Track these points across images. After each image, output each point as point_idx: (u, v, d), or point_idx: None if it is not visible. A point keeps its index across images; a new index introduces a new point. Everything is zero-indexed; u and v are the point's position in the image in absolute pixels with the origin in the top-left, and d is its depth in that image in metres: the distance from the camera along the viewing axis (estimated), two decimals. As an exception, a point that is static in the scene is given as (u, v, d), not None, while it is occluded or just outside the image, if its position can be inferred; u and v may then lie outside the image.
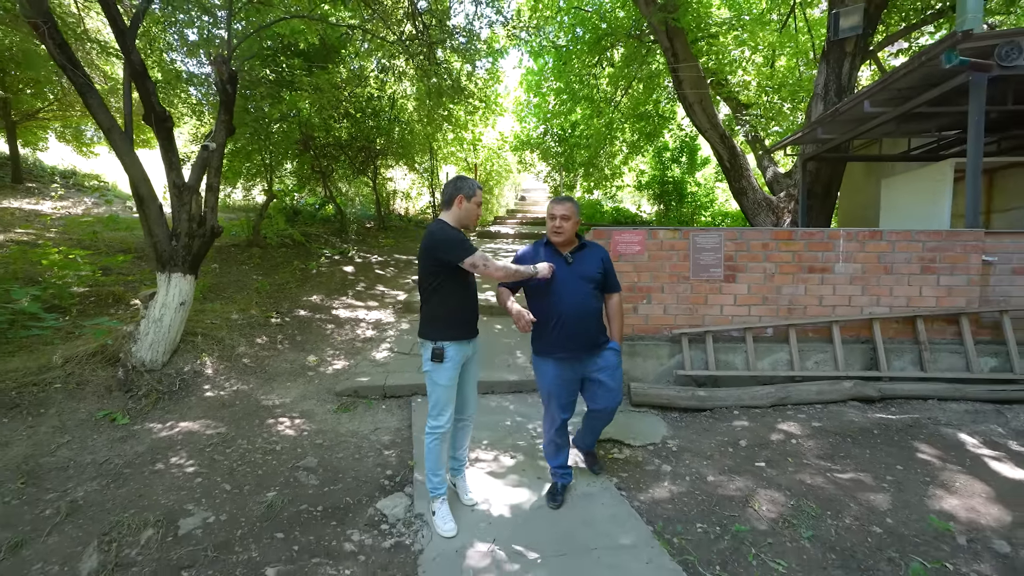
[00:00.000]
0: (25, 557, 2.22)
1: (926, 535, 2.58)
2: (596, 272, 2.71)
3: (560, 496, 2.81)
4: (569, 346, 2.67)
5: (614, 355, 2.78)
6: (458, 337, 2.55)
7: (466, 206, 2.60)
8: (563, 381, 2.73)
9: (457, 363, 2.54)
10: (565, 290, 2.66)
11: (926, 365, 4.16)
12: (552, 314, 2.66)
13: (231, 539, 2.42)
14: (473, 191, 2.60)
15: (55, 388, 3.45)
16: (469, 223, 2.65)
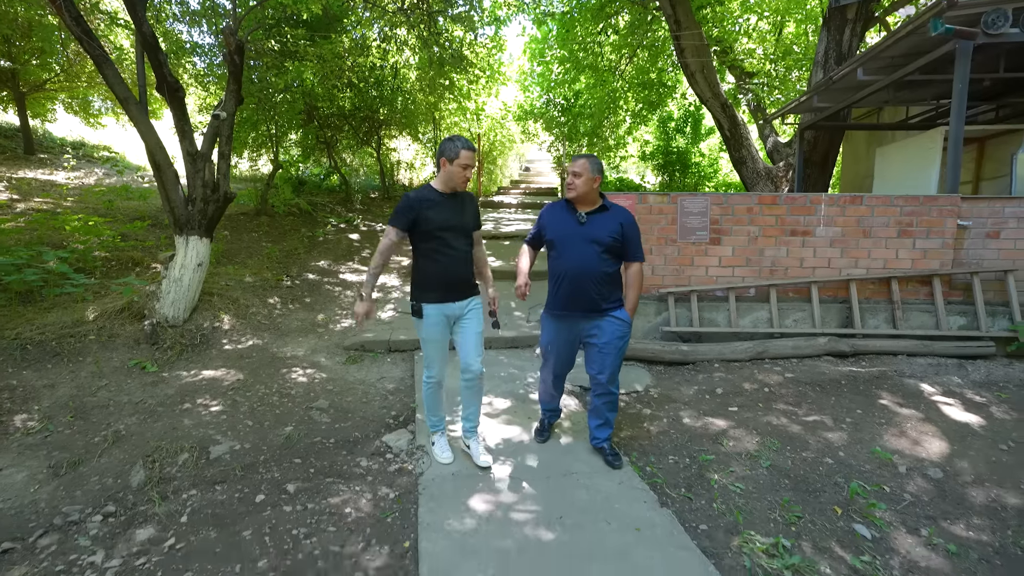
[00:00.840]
0: (83, 472, 2.60)
1: (871, 465, 2.91)
2: (609, 236, 2.63)
3: (546, 432, 3.07)
4: (567, 305, 2.67)
5: (618, 325, 2.69)
6: (432, 300, 2.57)
7: (449, 169, 2.52)
8: (560, 339, 2.77)
9: (438, 321, 2.59)
10: (570, 250, 2.65)
11: (898, 323, 4.43)
12: (557, 272, 2.70)
13: (256, 462, 2.79)
14: (456, 152, 2.49)
15: (90, 340, 3.82)
16: (456, 186, 2.57)
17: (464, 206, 2.66)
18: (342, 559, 2.11)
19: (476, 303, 2.73)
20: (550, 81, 14.07)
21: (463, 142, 2.52)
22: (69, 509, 2.33)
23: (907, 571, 2.15)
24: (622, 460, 2.89)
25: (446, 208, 2.56)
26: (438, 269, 2.58)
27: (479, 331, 2.74)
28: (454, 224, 2.58)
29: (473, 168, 2.58)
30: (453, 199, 2.60)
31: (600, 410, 2.88)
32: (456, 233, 2.59)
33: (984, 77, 5.58)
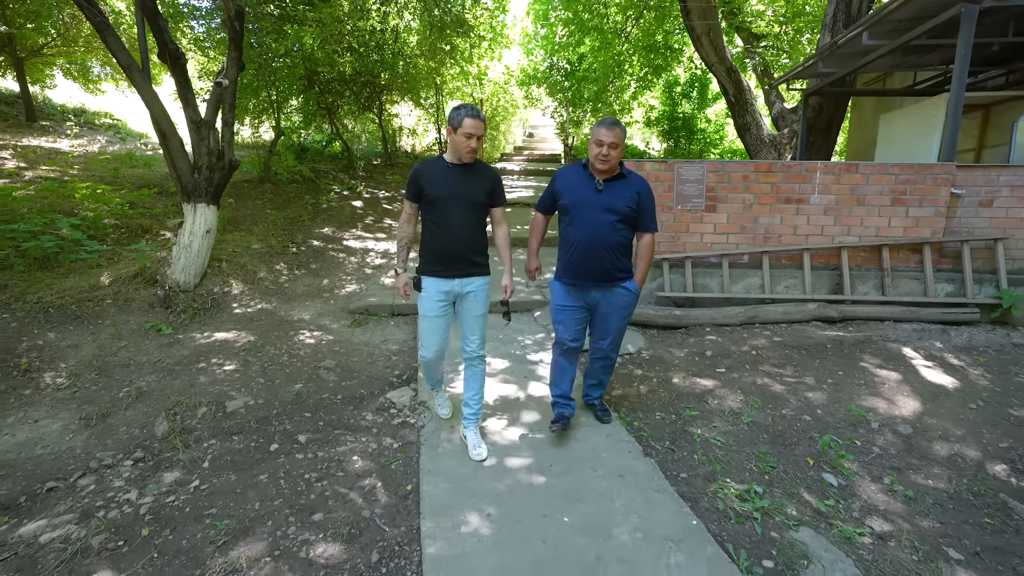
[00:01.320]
0: (111, 424, 2.83)
1: (846, 421, 3.10)
2: (625, 205, 2.56)
3: (561, 423, 2.80)
4: (578, 274, 2.63)
5: (626, 295, 2.67)
6: (432, 273, 2.52)
7: (453, 138, 2.43)
8: (569, 308, 2.72)
9: (437, 298, 2.53)
10: (584, 217, 2.58)
11: (887, 290, 4.56)
12: (569, 240, 2.63)
13: (269, 416, 3.01)
14: (460, 121, 2.38)
15: (107, 304, 4.01)
16: (461, 155, 2.45)
17: (475, 178, 2.52)
18: (350, 499, 2.33)
19: (480, 284, 2.60)
20: (554, 44, 13.80)
21: (468, 110, 2.40)
22: (102, 455, 2.57)
23: (866, 513, 2.36)
24: (611, 415, 3.02)
25: (449, 178, 2.46)
26: (434, 241, 2.52)
27: (480, 314, 2.62)
28: (454, 195, 2.46)
29: (480, 137, 2.43)
30: (464, 170, 2.49)
31: (595, 372, 2.93)
32: (457, 205, 2.47)
33: (993, 41, 5.51)
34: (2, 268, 4.11)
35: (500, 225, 2.71)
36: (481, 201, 2.54)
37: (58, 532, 2.05)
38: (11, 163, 6.90)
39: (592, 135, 2.56)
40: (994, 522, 2.31)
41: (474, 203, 2.52)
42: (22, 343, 3.39)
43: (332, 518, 2.20)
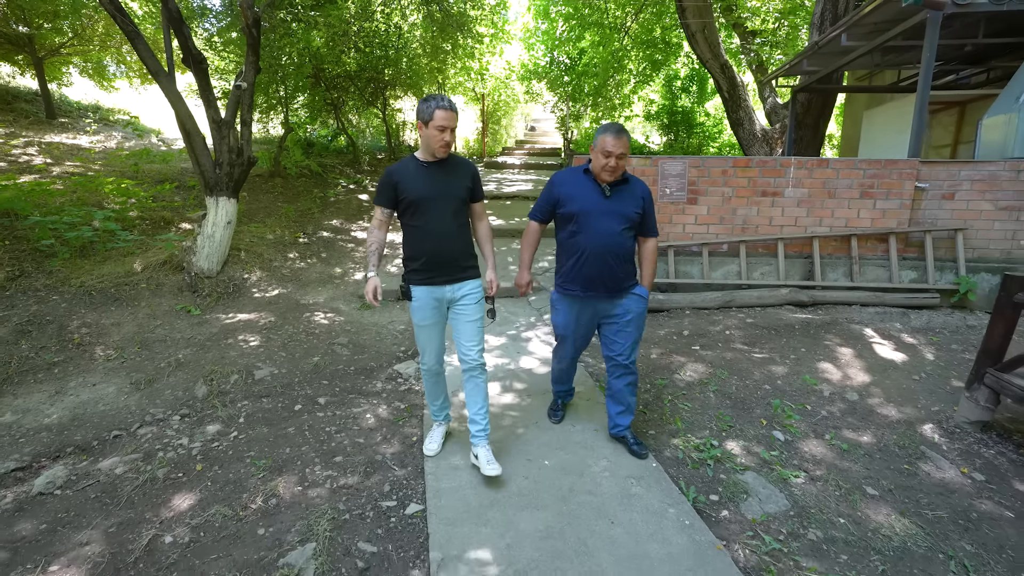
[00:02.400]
0: (157, 387, 3.31)
1: (801, 390, 3.54)
2: (634, 211, 2.51)
3: (560, 412, 3.03)
4: (590, 285, 2.52)
5: (638, 302, 2.61)
6: (421, 282, 2.41)
7: (424, 133, 2.29)
8: (578, 322, 2.64)
9: (427, 304, 2.42)
10: (594, 225, 2.47)
11: (855, 276, 4.98)
12: (576, 249, 2.51)
13: (292, 383, 3.48)
14: (430, 113, 2.23)
15: (141, 287, 4.49)
16: (434, 151, 2.31)
17: (453, 174, 2.41)
18: (365, 447, 2.80)
19: (473, 287, 2.49)
20: (555, 39, 14.16)
21: (439, 101, 2.24)
22: (154, 411, 3.05)
23: (804, 461, 2.80)
24: (647, 449, 2.76)
25: (426, 177, 2.34)
26: (420, 246, 2.38)
27: (476, 318, 2.50)
28: (434, 194, 2.34)
29: (452, 129, 2.29)
30: (439, 167, 2.38)
31: (621, 394, 2.72)
32: (439, 204, 2.35)
33: (966, 42, 5.90)
34: (48, 256, 4.59)
35: (481, 220, 2.59)
36: (463, 198, 2.43)
37: (129, 467, 2.52)
38: (38, 159, 7.38)
39: (597, 144, 2.44)
40: (911, 468, 2.75)
41: (456, 201, 2.40)
42: (73, 321, 3.88)
43: (351, 460, 2.66)
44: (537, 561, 2.03)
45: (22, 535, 2.11)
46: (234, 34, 8.46)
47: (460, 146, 15.31)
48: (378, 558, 2.05)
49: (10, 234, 4.76)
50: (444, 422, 2.80)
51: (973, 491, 2.58)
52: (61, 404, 3.08)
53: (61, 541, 2.08)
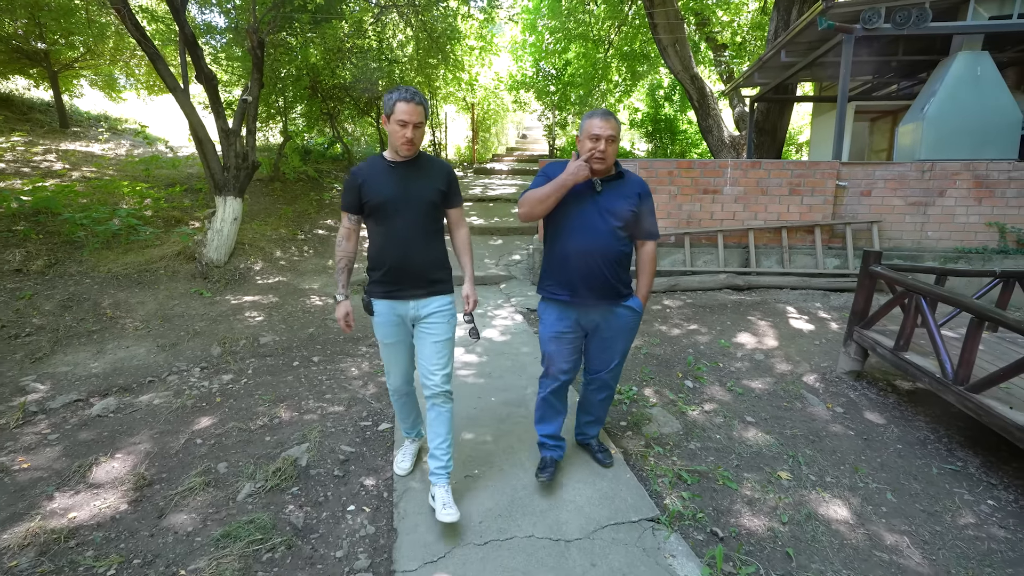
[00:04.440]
0: (180, 349, 4.06)
1: (717, 352, 4.28)
2: (627, 209, 2.25)
3: (550, 470, 2.50)
4: (578, 291, 2.27)
5: (630, 315, 2.37)
6: (383, 295, 2.20)
7: (388, 127, 2.10)
8: (564, 332, 2.36)
9: (389, 320, 2.22)
10: (582, 223, 2.24)
11: (786, 264, 5.74)
12: (562, 250, 2.29)
13: (291, 346, 4.23)
14: (391, 106, 2.04)
15: (160, 274, 5.25)
16: (397, 148, 2.11)
17: (425, 176, 2.18)
18: (349, 389, 3.54)
19: (441, 304, 2.25)
20: (542, 51, 15.06)
21: (401, 92, 2.04)
22: (179, 365, 3.80)
23: (703, 401, 3.54)
24: (612, 456, 2.64)
25: (392, 178, 2.13)
26: (383, 255, 2.16)
27: (443, 339, 2.24)
28: (400, 197, 2.12)
29: (417, 125, 2.07)
30: (409, 168, 2.16)
31: (594, 406, 2.59)
32: (406, 209, 2.13)
33: (891, 59, 6.72)
34: (78, 247, 5.35)
35: (459, 228, 2.37)
36: (434, 202, 2.19)
37: (163, 400, 3.27)
38: (58, 165, 8.17)
39: (583, 129, 2.22)
40: (788, 405, 3.49)
41: (426, 205, 2.17)
42: (105, 300, 4.63)
43: (337, 396, 3.41)
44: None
45: (90, 439, 2.86)
46: (238, 51, 9.30)
47: (452, 153, 16.16)
48: (355, 455, 2.79)
49: (44, 229, 5.53)
50: (417, 439, 2.61)
51: (830, 419, 3.32)
52: (103, 360, 3.83)
53: (119, 441, 2.82)
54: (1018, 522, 2.43)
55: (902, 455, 2.96)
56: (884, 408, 3.46)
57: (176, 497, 2.38)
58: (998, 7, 5.35)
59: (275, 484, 2.48)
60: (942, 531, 2.38)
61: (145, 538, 2.14)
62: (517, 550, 2.14)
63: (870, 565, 2.16)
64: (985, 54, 5.55)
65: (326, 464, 2.68)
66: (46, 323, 4.16)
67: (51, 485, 2.45)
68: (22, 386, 3.39)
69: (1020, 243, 5.49)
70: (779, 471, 2.78)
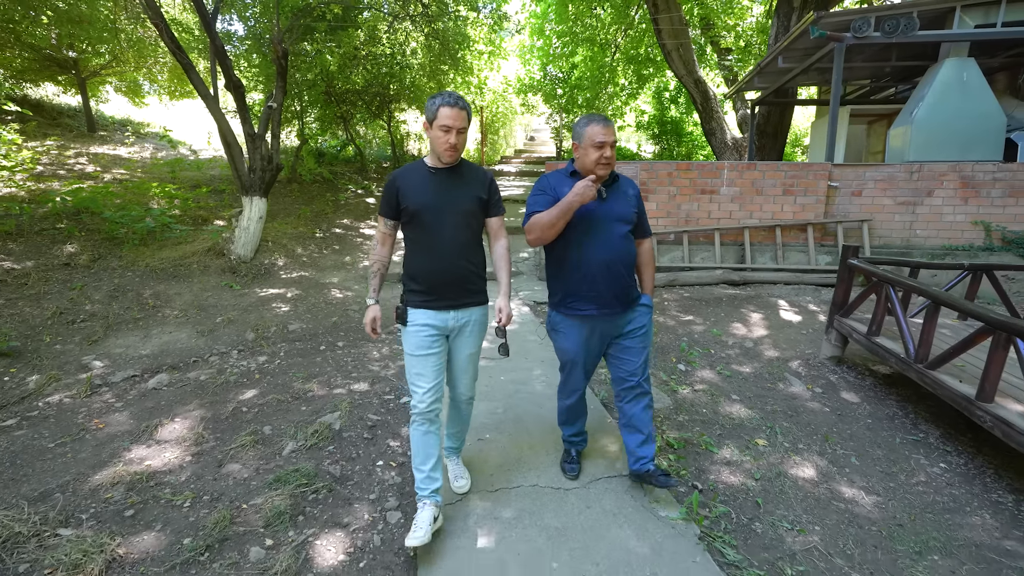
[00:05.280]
0: (217, 334, 4.51)
1: (710, 340, 4.65)
2: (631, 210, 2.32)
3: (576, 464, 2.64)
4: (605, 302, 2.29)
5: (646, 313, 2.43)
6: (420, 304, 2.16)
7: (430, 134, 2.10)
8: (589, 345, 2.37)
9: (426, 332, 2.15)
10: (596, 232, 2.25)
11: (779, 260, 6.09)
12: (579, 262, 2.27)
13: (317, 333, 4.66)
14: (435, 111, 2.05)
15: (193, 268, 5.71)
16: (440, 155, 2.11)
17: (465, 183, 2.18)
18: (372, 369, 3.96)
19: (478, 315, 2.27)
20: (549, 55, 15.49)
21: (444, 97, 2.05)
22: (218, 348, 4.24)
23: (693, 381, 3.91)
24: (673, 479, 2.41)
25: (433, 185, 2.14)
26: (420, 265, 2.16)
27: (474, 351, 2.30)
28: (440, 205, 2.12)
29: (461, 131, 2.08)
30: (448, 175, 2.16)
31: (641, 419, 2.46)
32: (445, 217, 2.12)
33: (885, 64, 7.06)
34: (119, 243, 5.83)
35: (499, 239, 2.33)
36: (473, 211, 2.19)
37: (209, 376, 3.71)
38: (89, 167, 8.70)
39: (584, 136, 2.23)
40: (771, 386, 3.85)
41: (466, 214, 2.17)
42: (146, 291, 5.09)
43: (362, 375, 3.83)
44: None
45: (151, 406, 3.30)
46: (256, 58, 9.81)
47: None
48: (381, 422, 3.20)
49: (85, 227, 6.02)
50: (431, 501, 2.19)
51: (808, 397, 3.69)
52: (150, 343, 4.28)
53: (176, 409, 3.26)
54: (963, 480, 2.78)
55: (871, 428, 3.32)
56: (860, 389, 3.81)
57: (231, 451, 2.81)
58: (983, 16, 5.68)
59: (314, 443, 2.90)
60: (895, 487, 2.74)
61: (209, 481, 2.56)
62: (524, 495, 2.54)
63: (827, 512, 2.54)
64: (971, 60, 5.88)
65: (356, 428, 3.10)
66: (97, 311, 4.62)
67: (126, 441, 2.88)
68: (84, 363, 3.85)
69: (1005, 240, 5.80)
70: (757, 439, 3.15)
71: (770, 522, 2.46)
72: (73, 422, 3.11)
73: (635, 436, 2.48)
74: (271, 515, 2.31)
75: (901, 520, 2.48)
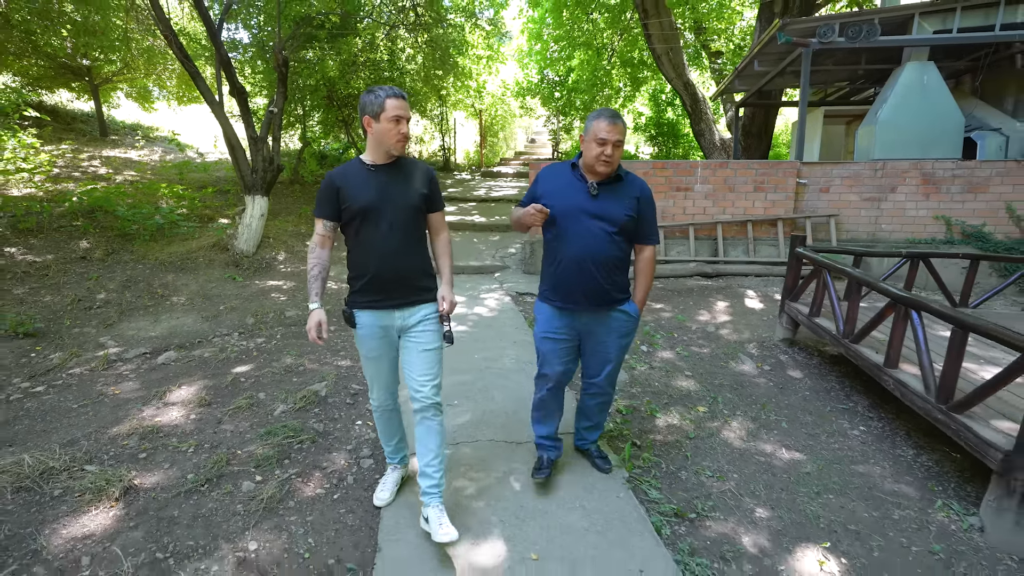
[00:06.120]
0: (220, 319, 4.96)
1: (675, 325, 5.03)
2: (623, 213, 2.27)
3: (547, 470, 2.57)
4: (569, 296, 2.32)
5: (626, 320, 2.41)
6: (366, 305, 2.17)
7: (376, 127, 2.06)
8: (557, 339, 2.42)
9: (373, 333, 2.18)
10: (575, 228, 2.28)
11: (751, 254, 6.47)
12: (555, 255, 2.35)
13: (311, 319, 5.10)
14: (380, 104, 2.02)
15: (199, 261, 6.18)
16: (390, 148, 2.09)
17: (406, 179, 2.16)
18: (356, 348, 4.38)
19: (429, 312, 2.23)
20: (547, 58, 15.95)
21: (387, 90, 2.05)
22: (220, 331, 4.69)
23: (652, 360, 4.30)
24: (610, 463, 2.65)
25: (374, 182, 2.11)
26: (366, 263, 2.14)
27: (432, 347, 2.23)
28: (383, 202, 2.09)
29: (409, 120, 2.10)
30: (389, 171, 2.14)
31: (591, 411, 2.65)
32: (389, 214, 2.10)
33: (858, 68, 7.43)
34: (130, 239, 6.32)
35: (440, 232, 2.33)
36: (417, 206, 2.17)
37: (211, 354, 4.15)
38: (102, 170, 9.24)
39: (589, 132, 2.23)
40: (724, 365, 4.23)
41: (408, 210, 2.14)
42: (155, 282, 5.56)
43: (348, 354, 4.25)
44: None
45: (160, 377, 3.75)
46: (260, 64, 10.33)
47: (460, 157, 17.10)
48: (362, 391, 3.61)
49: (99, 224, 6.51)
50: (400, 466, 2.51)
51: (756, 374, 4.07)
52: (159, 327, 4.73)
53: (182, 379, 3.70)
54: (876, 440, 3.16)
55: (806, 399, 3.70)
56: (806, 367, 4.19)
57: (229, 411, 3.24)
58: (941, 22, 6.03)
59: (301, 406, 3.33)
60: (814, 445, 3.12)
61: (210, 433, 3.00)
62: (481, 448, 2.95)
63: (748, 464, 2.92)
64: (931, 64, 6.23)
65: (340, 395, 3.52)
66: (111, 299, 5.09)
67: (138, 404, 3.33)
68: (101, 343, 4.31)
69: (965, 234, 6.14)
70: (699, 407, 3.54)
71: (695, 471, 2.85)
72: (92, 389, 3.56)
73: (584, 421, 2.73)
74: (261, 459, 2.74)
75: (810, 469, 2.87)
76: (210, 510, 2.37)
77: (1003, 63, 6.90)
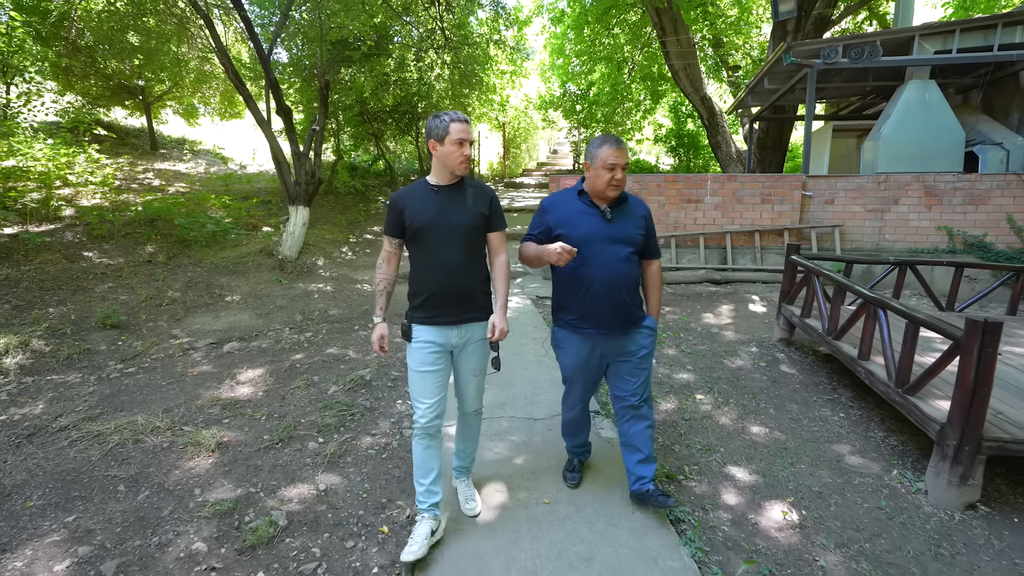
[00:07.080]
0: (272, 316, 5.64)
1: (680, 326, 5.51)
2: (637, 232, 2.39)
3: (578, 473, 2.78)
4: (603, 322, 2.37)
5: (649, 335, 2.51)
6: (424, 320, 2.27)
7: (441, 150, 2.19)
8: (590, 363, 2.47)
9: (430, 348, 2.25)
10: (599, 253, 2.33)
11: (758, 262, 6.90)
12: (582, 282, 2.36)
13: (352, 317, 5.74)
14: (445, 128, 2.15)
15: (248, 265, 6.91)
16: (454, 168, 2.21)
17: (467, 199, 2.27)
18: (396, 343, 4.99)
19: (482, 333, 2.34)
20: (568, 73, 16.58)
21: (451, 115, 2.18)
22: (273, 326, 5.36)
23: (657, 357, 4.80)
24: (672, 499, 2.49)
25: (436, 202, 2.23)
26: (426, 280, 2.26)
27: (475, 368, 2.38)
28: (443, 221, 2.21)
29: (471, 142, 2.22)
30: (451, 192, 2.26)
31: (638, 440, 2.55)
32: (449, 233, 2.21)
33: (866, 84, 7.84)
34: (188, 245, 7.10)
35: (498, 254, 2.40)
36: (477, 227, 2.27)
37: (268, 345, 4.81)
38: (156, 182, 10.15)
39: (596, 157, 2.33)
40: (722, 360, 4.70)
41: (468, 230, 2.25)
42: (212, 283, 6.29)
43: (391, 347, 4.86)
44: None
45: (229, 362, 4.41)
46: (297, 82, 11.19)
47: (484, 168, 17.81)
48: (401, 377, 4.21)
49: (159, 231, 7.31)
50: (429, 516, 2.32)
51: (752, 370, 4.53)
52: (220, 322, 5.43)
53: (247, 364, 4.35)
54: (853, 424, 3.60)
55: (795, 391, 4.15)
56: (799, 364, 4.63)
57: (290, 391, 3.87)
58: (942, 43, 6.42)
59: (350, 387, 3.93)
60: (795, 427, 3.59)
61: (277, 406, 3.62)
62: (504, 422, 3.50)
63: (733, 440, 3.41)
64: (932, 83, 6.62)
65: (382, 380, 4.12)
66: (177, 297, 5.82)
67: (214, 382, 3.98)
68: (174, 334, 5.02)
69: (966, 244, 6.48)
70: (696, 395, 4.03)
71: (686, 444, 3.35)
72: (174, 371, 4.23)
73: (634, 455, 2.56)
74: (322, 426, 3.34)
75: (788, 446, 3.34)
76: (286, 461, 2.97)
77: (1008, 80, 7.22)
